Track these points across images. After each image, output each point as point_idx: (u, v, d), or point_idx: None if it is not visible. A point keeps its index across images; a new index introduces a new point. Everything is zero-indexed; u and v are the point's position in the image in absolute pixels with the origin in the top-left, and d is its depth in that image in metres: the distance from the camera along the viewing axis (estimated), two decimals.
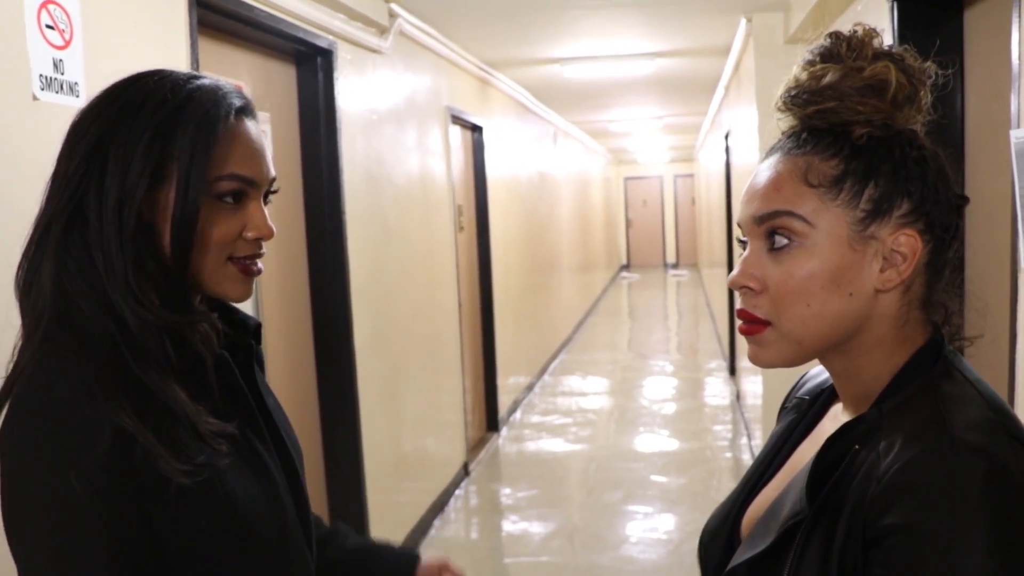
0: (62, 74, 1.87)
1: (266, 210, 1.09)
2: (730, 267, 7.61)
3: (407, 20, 4.25)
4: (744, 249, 0.96)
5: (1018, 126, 1.97)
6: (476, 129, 6.11)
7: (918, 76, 0.93)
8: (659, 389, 7.96)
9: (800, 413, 1.10)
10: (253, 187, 1.06)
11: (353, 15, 3.57)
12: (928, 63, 0.95)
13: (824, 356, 0.97)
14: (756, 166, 0.99)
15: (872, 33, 0.94)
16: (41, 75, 1.81)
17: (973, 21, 2.44)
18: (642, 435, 6.38)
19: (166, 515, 0.96)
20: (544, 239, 8.90)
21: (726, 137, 7.33)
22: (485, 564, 4.32)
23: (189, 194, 1.00)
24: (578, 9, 4.61)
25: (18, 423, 0.94)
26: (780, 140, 0.97)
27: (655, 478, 5.37)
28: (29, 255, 1.02)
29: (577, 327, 11.23)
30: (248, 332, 1.18)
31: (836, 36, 0.94)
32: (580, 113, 9.79)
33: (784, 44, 4.54)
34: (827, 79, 0.91)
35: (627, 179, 20.49)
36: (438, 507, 4.79)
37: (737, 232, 0.99)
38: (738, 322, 0.97)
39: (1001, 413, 0.86)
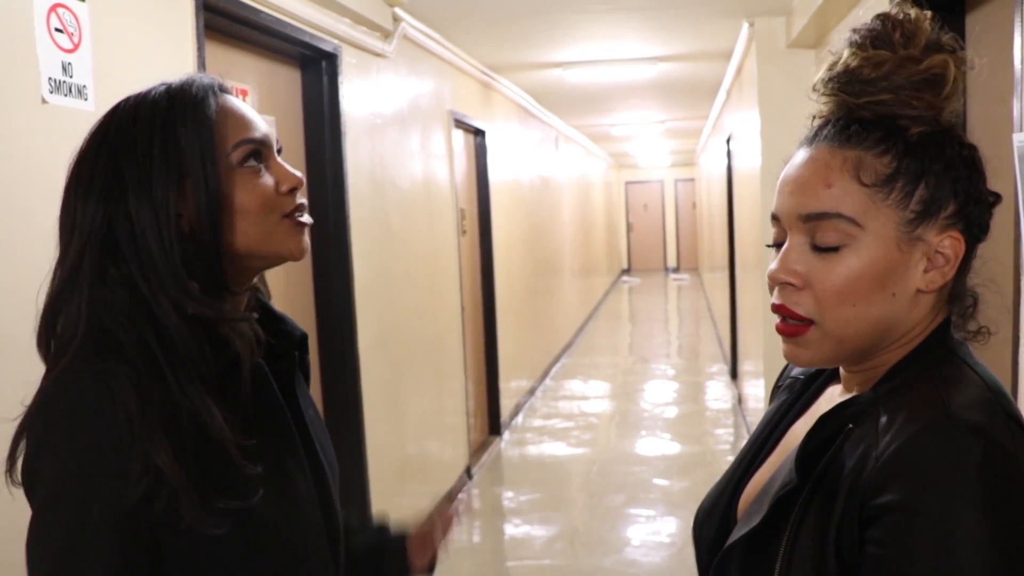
0: (71, 77, 1.88)
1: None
2: (732, 271, 7.60)
3: (411, 24, 4.26)
4: (778, 249, 0.93)
5: (1020, 130, 1.98)
6: (479, 133, 6.12)
7: (966, 68, 0.90)
8: (660, 393, 7.96)
9: (793, 393, 1.10)
10: (265, 146, 1.09)
11: (358, 19, 3.59)
12: (964, 51, 0.90)
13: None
14: (790, 156, 0.94)
15: (924, 17, 0.89)
16: (50, 78, 1.83)
17: (975, 25, 2.45)
18: (644, 439, 6.38)
19: (183, 542, 0.97)
20: (546, 243, 8.90)
21: (728, 141, 7.34)
22: (488, 567, 4.33)
23: (208, 172, 1.03)
24: (580, 14, 4.62)
25: (59, 441, 0.94)
26: (820, 128, 0.93)
27: (657, 481, 5.37)
28: (56, 290, 1.02)
29: (578, 331, 11.23)
30: (292, 342, 1.19)
31: (886, 19, 0.90)
32: (581, 117, 9.81)
33: (786, 48, 4.56)
34: (883, 69, 0.88)
35: (628, 183, 20.49)
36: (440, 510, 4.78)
37: (767, 235, 0.96)
38: (775, 319, 0.94)
39: (999, 395, 0.86)
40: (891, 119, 0.88)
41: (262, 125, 1.10)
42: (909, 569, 0.78)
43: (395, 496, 4.09)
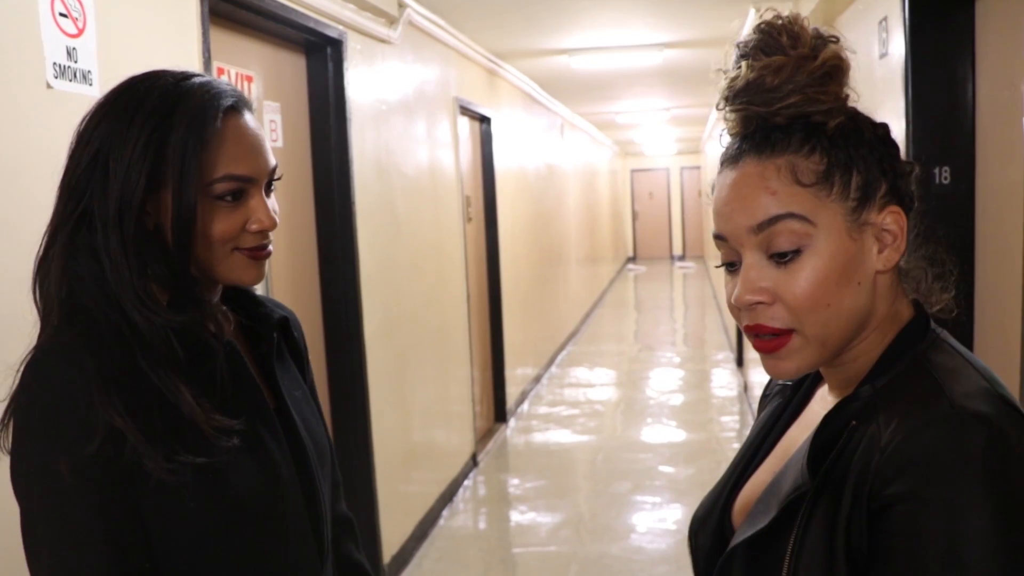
0: (75, 62, 1.87)
1: (272, 198, 1.13)
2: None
3: (416, 10, 4.24)
4: (730, 271, 0.93)
5: None
6: (484, 120, 6.11)
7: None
8: (666, 380, 7.96)
9: (785, 399, 1.11)
10: (250, 183, 1.09)
11: (363, 5, 3.57)
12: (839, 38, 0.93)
13: None
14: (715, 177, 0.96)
15: (800, 17, 0.93)
16: (55, 63, 1.82)
17: (985, 8, 2.44)
18: (649, 426, 6.38)
19: (156, 503, 1.02)
20: (551, 231, 8.90)
21: None
22: (494, 554, 4.34)
23: (183, 199, 1.04)
24: (586, 0, 4.61)
25: (24, 406, 1.01)
26: (739, 144, 0.93)
27: (663, 468, 5.38)
28: (40, 257, 1.07)
29: (584, 319, 11.23)
30: (271, 325, 1.22)
31: (769, 26, 0.93)
32: (587, 105, 9.78)
33: None
34: (784, 73, 0.90)
35: (634, 171, 20.45)
36: (447, 497, 4.81)
37: (719, 253, 0.94)
38: (751, 339, 0.93)
39: (993, 382, 0.87)
40: (804, 118, 0.90)
41: (257, 160, 1.09)
42: (917, 557, 0.79)
43: (401, 484, 4.09)
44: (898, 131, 2.76)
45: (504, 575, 4.14)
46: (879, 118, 0.95)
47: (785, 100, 0.89)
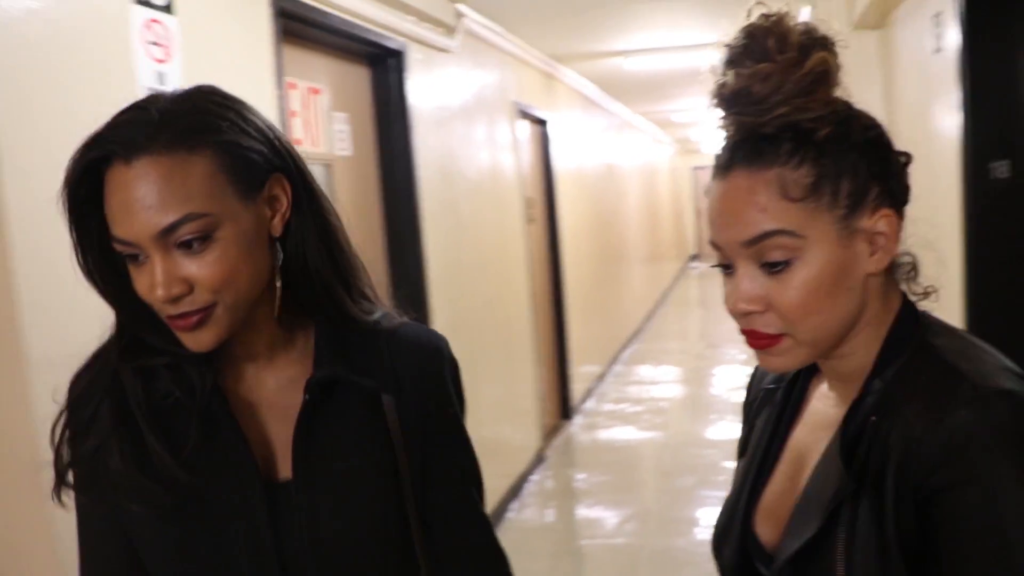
0: (164, 86, 2.02)
1: (212, 253, 0.93)
2: None
3: (473, 19, 4.37)
4: (726, 272, 0.94)
5: None
6: (543, 122, 6.20)
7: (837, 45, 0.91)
8: (731, 378, 7.93)
9: (777, 404, 1.08)
10: (133, 246, 0.92)
11: (422, 16, 3.71)
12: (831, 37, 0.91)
13: None
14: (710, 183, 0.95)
15: (788, 17, 0.90)
16: (148, 88, 1.97)
17: None
18: (714, 423, 6.40)
19: (129, 517, 1.03)
20: (612, 229, 8.94)
21: None
22: (561, 546, 4.43)
23: (75, 248, 0.98)
24: (640, 3, 4.67)
25: None
26: (730, 153, 0.93)
27: (727, 464, 5.39)
28: None
29: (648, 317, 11.23)
30: (311, 383, 1.04)
31: (755, 30, 0.90)
32: (644, 104, 9.79)
33: (849, 30, 4.53)
34: (771, 82, 0.88)
35: (696, 169, 20.31)
36: (514, 492, 4.91)
37: (715, 257, 0.96)
38: (745, 337, 0.95)
39: (997, 356, 0.90)
40: (791, 126, 0.88)
41: (127, 222, 0.91)
42: (966, 539, 0.81)
43: None
44: (952, 126, 2.76)
45: (573, 566, 4.24)
46: (932, 113, 0.93)
47: (773, 111, 0.88)
